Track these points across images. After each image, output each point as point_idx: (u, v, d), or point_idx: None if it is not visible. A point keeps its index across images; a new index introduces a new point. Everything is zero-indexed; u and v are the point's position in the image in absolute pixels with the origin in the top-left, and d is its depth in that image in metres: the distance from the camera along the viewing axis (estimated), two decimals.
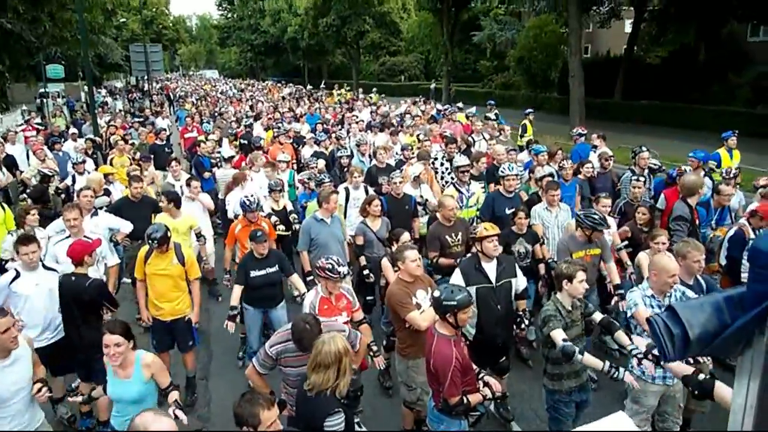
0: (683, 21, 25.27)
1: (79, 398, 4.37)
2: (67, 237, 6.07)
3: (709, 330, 1.14)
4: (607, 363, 4.07)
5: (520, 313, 5.20)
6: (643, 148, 8.69)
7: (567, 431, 4.45)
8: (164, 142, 12.50)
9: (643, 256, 5.58)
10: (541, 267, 6.37)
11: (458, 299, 3.83)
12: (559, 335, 4.12)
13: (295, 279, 5.87)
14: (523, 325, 5.23)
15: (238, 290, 5.66)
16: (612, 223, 6.50)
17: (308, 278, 6.25)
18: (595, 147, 10.24)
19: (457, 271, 5.06)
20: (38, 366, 4.11)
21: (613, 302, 5.73)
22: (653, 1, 27.73)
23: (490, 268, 5.01)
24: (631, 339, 4.21)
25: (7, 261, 6.39)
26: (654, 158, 9.11)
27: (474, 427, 4.12)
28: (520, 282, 5.18)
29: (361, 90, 28.22)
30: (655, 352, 3.74)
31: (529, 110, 14.67)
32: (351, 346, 4.29)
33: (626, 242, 6.58)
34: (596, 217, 5.68)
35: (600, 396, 5.19)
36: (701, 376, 3.37)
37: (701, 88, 24.68)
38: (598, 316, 4.53)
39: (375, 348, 4.66)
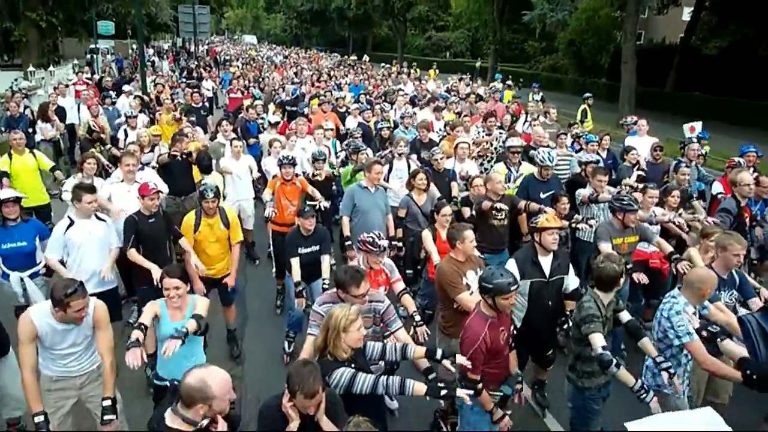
0: (746, 11, 24.13)
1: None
2: (120, 181, 6.49)
3: None
4: (639, 382, 3.94)
5: (568, 312, 4.96)
6: (693, 139, 8.43)
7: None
8: (199, 105, 12.56)
9: (694, 252, 5.31)
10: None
11: (495, 283, 3.76)
12: (599, 341, 3.95)
13: (325, 262, 5.74)
14: (566, 326, 4.93)
15: (296, 264, 5.64)
16: (659, 212, 6.32)
17: (347, 243, 6.32)
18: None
19: (513, 261, 4.91)
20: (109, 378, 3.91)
21: (673, 267, 5.45)
22: None
23: (546, 262, 4.83)
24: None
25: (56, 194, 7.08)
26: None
27: (502, 408, 4.04)
28: (571, 281, 4.98)
29: (405, 64, 27.88)
30: (711, 328, 3.60)
31: (588, 94, 14.22)
32: (386, 324, 4.28)
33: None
34: (624, 199, 5.55)
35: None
36: None
37: (759, 83, 23.67)
38: (625, 317, 4.35)
39: (418, 318, 4.60)
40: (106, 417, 3.76)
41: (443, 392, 3.42)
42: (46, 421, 3.65)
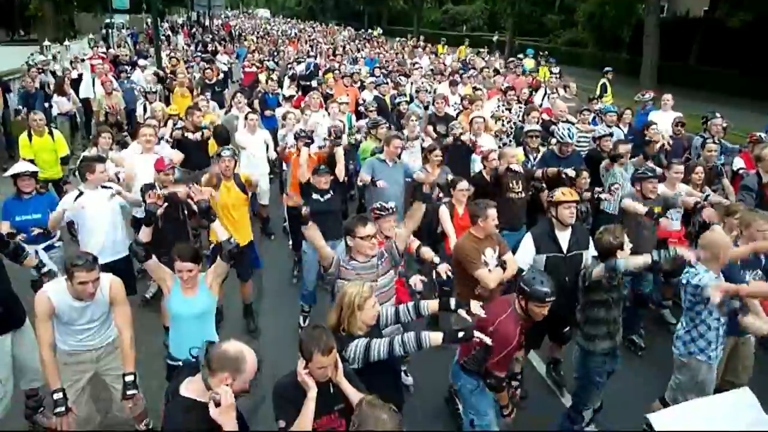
0: None
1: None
2: (141, 153, 6.52)
3: None
4: (655, 252, 3.96)
5: None
6: (717, 114, 8.24)
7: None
8: (212, 81, 12.44)
9: (718, 230, 5.17)
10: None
11: (532, 289, 3.60)
12: (598, 267, 4.09)
13: None
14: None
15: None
16: (683, 189, 6.17)
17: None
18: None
19: (529, 236, 4.84)
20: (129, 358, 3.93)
21: (700, 213, 5.49)
22: None
23: (563, 237, 4.76)
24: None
25: (66, 182, 7.22)
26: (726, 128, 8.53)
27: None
28: (590, 256, 4.86)
29: (422, 38, 27.50)
30: (732, 303, 3.58)
31: (608, 68, 13.96)
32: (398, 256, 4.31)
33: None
34: (640, 168, 5.67)
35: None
36: None
37: None
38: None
39: (437, 260, 4.54)
40: (129, 392, 3.80)
41: (461, 334, 3.37)
42: (65, 397, 3.68)
